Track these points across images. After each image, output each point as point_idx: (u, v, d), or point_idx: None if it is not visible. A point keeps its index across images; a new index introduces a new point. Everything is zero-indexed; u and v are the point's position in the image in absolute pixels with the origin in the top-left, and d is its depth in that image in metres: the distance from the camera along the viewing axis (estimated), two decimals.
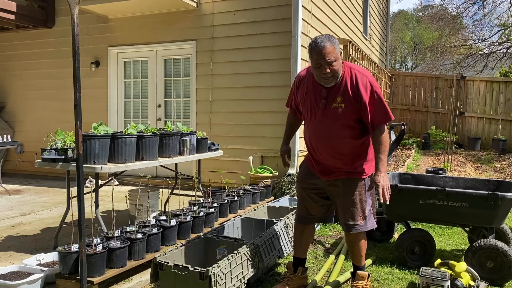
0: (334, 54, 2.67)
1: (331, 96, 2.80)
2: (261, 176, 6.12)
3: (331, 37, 2.73)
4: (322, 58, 2.66)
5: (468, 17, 20.19)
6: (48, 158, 3.69)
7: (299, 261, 3.19)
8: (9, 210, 5.58)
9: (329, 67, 2.68)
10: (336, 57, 2.69)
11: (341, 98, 2.77)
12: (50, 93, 8.34)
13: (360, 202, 2.88)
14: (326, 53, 2.65)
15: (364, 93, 2.72)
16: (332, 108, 2.80)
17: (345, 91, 2.76)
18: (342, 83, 2.77)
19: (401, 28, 31.72)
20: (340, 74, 2.76)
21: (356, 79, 2.75)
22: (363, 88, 2.73)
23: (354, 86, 2.74)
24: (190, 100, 7.31)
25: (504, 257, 3.24)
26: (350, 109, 2.76)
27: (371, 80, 2.78)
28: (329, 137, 2.85)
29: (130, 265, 3.22)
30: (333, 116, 2.81)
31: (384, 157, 2.75)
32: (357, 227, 2.89)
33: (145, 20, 7.45)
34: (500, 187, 3.90)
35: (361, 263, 3.03)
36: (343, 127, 2.80)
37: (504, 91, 11.71)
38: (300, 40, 6.34)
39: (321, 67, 2.70)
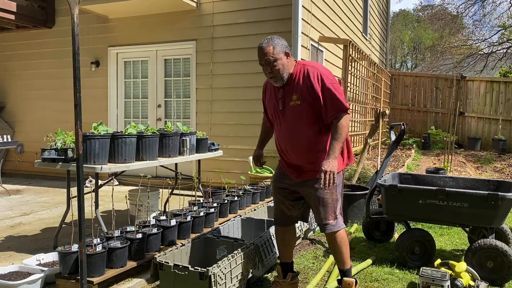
0: (272, 54, 2.71)
1: (287, 95, 2.82)
2: (261, 176, 6.12)
3: (274, 38, 2.79)
4: (261, 58, 2.75)
5: (468, 17, 20.17)
6: (48, 158, 3.69)
7: (286, 266, 3.11)
8: (9, 210, 5.58)
9: (269, 67, 2.74)
10: (277, 57, 2.72)
11: (296, 96, 2.77)
12: (50, 93, 8.35)
13: (331, 201, 2.82)
14: (264, 54, 2.73)
15: (316, 84, 2.71)
16: (290, 107, 2.81)
17: (298, 88, 2.76)
18: (294, 80, 2.78)
19: (401, 28, 31.72)
20: (287, 73, 2.77)
21: (308, 73, 2.75)
22: (314, 80, 2.72)
23: (306, 80, 2.74)
24: (190, 100, 7.31)
25: (504, 257, 3.24)
26: (307, 105, 2.75)
27: (323, 72, 2.77)
28: (292, 137, 2.84)
29: (130, 265, 3.22)
30: (292, 115, 2.81)
31: (337, 144, 2.68)
32: (328, 226, 2.84)
33: (145, 20, 7.45)
34: (500, 187, 3.90)
35: (345, 265, 2.91)
36: (304, 125, 2.79)
37: (504, 91, 11.71)
38: (300, 40, 6.34)
39: (263, 67, 2.78)
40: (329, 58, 8.17)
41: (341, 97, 2.74)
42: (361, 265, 3.56)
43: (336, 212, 2.85)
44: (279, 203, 3.06)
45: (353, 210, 4.98)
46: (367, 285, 3.28)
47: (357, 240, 4.39)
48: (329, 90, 2.71)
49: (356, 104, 8.27)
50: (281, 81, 2.78)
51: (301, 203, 3.02)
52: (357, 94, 8.31)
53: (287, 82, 2.80)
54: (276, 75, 2.75)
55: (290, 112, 2.82)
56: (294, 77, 2.79)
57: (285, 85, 2.82)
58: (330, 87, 2.71)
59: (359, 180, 6.05)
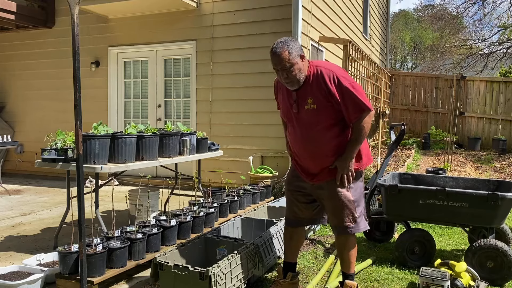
0: (288, 60, 2.58)
1: (301, 98, 2.71)
2: (261, 176, 6.12)
3: (289, 41, 2.64)
4: (277, 64, 2.62)
5: (468, 17, 20.17)
6: (48, 158, 3.70)
7: (289, 266, 3.07)
8: (9, 210, 5.58)
9: (286, 73, 2.62)
10: (293, 62, 2.59)
11: (312, 99, 2.66)
12: (50, 93, 8.35)
13: (348, 203, 2.75)
14: (280, 60, 2.59)
15: (332, 87, 2.60)
16: (305, 110, 2.70)
17: (313, 91, 2.66)
18: (309, 83, 2.68)
19: (401, 28, 31.71)
20: (303, 76, 2.66)
21: (322, 75, 2.63)
22: (330, 83, 2.61)
23: (321, 83, 2.62)
24: (190, 100, 7.31)
25: (504, 257, 3.24)
26: (323, 109, 2.65)
27: (338, 73, 2.66)
28: (308, 142, 2.76)
29: (130, 265, 3.22)
30: (308, 119, 2.71)
31: (356, 144, 2.66)
32: (347, 229, 2.78)
33: (145, 20, 7.45)
34: (500, 187, 3.90)
35: (350, 270, 2.88)
36: (321, 130, 2.70)
37: (504, 91, 11.70)
38: (300, 40, 6.34)
39: (278, 72, 2.67)
40: (329, 58, 8.17)
41: (362, 96, 2.64)
42: (361, 265, 3.55)
43: (356, 214, 2.78)
44: (291, 205, 3.01)
45: None
46: (367, 285, 3.28)
47: (357, 240, 4.36)
48: (348, 91, 2.61)
49: None
50: (297, 85, 2.68)
51: (315, 205, 2.96)
52: None
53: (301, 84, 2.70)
54: (293, 80, 2.64)
55: (305, 117, 2.71)
56: (308, 79, 2.68)
57: (299, 88, 2.71)
58: (348, 88, 2.61)
59: None
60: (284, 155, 6.42)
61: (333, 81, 2.61)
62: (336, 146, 2.72)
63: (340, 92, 2.60)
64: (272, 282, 3.17)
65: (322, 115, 2.66)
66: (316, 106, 2.65)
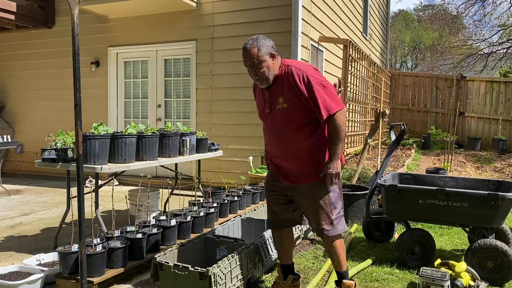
0: (257, 56, 2.60)
1: (273, 97, 2.71)
2: (261, 176, 6.12)
3: (260, 39, 2.65)
4: (247, 60, 2.64)
5: (468, 17, 20.17)
6: (48, 158, 3.70)
7: (287, 268, 3.06)
8: (9, 210, 5.58)
9: (255, 70, 2.64)
10: (262, 59, 2.61)
11: (283, 99, 2.66)
12: (50, 93, 8.35)
13: (325, 205, 2.74)
14: (249, 56, 2.62)
15: (302, 86, 2.59)
16: (276, 110, 2.70)
17: (284, 90, 2.65)
18: (280, 82, 2.67)
19: (401, 28, 31.71)
20: (272, 74, 2.66)
21: (292, 74, 2.62)
22: (299, 81, 2.59)
23: (292, 82, 2.62)
24: (190, 100, 7.31)
25: (504, 257, 3.24)
26: (293, 108, 2.64)
27: (308, 71, 2.64)
28: (280, 142, 2.75)
29: (130, 265, 3.22)
30: (279, 119, 2.71)
31: (337, 145, 2.64)
32: (324, 231, 2.76)
33: (145, 20, 7.45)
34: (500, 187, 3.90)
35: (342, 268, 2.87)
36: (292, 129, 2.69)
37: (504, 91, 11.71)
38: (300, 40, 6.34)
39: (248, 69, 2.68)
40: (329, 58, 8.17)
41: (332, 95, 2.63)
42: (361, 265, 3.56)
43: (332, 216, 2.76)
44: (271, 206, 3.00)
45: (353, 210, 4.98)
46: (367, 285, 3.28)
47: (357, 240, 4.39)
48: (317, 89, 2.59)
49: (356, 104, 8.27)
50: (266, 83, 2.68)
51: (293, 206, 2.93)
52: (357, 94, 8.31)
53: (272, 83, 2.70)
54: (261, 77, 2.65)
55: (277, 116, 2.72)
56: (279, 78, 2.68)
57: (271, 87, 2.71)
58: (318, 87, 2.59)
59: (359, 180, 6.05)
60: None
61: (302, 80, 2.60)
62: (308, 147, 2.70)
63: (309, 90, 2.58)
64: (273, 283, 3.17)
65: (293, 114, 2.66)
66: (287, 105, 2.65)
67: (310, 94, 2.59)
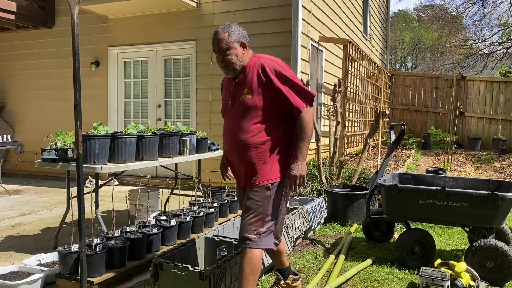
0: (226, 42, 2.48)
1: (239, 88, 2.55)
2: None
3: (232, 25, 2.54)
4: (215, 45, 2.51)
5: (468, 17, 20.19)
6: (48, 158, 3.70)
7: (282, 271, 2.91)
8: (9, 210, 5.58)
9: (222, 55, 2.51)
10: (230, 45, 2.48)
11: (247, 89, 2.50)
12: (50, 93, 8.35)
13: (258, 214, 2.47)
14: (218, 40, 2.50)
15: (274, 78, 2.45)
16: (239, 101, 2.52)
17: (251, 81, 2.49)
18: (247, 73, 2.52)
19: (401, 28, 31.72)
20: (240, 64, 2.52)
21: (263, 66, 2.48)
22: (271, 74, 2.45)
23: (261, 74, 2.47)
24: (190, 100, 7.31)
25: (504, 257, 3.24)
26: (257, 100, 2.47)
27: (281, 65, 2.51)
28: (234, 133, 2.55)
29: (130, 265, 3.22)
30: (239, 110, 2.52)
31: (303, 144, 2.47)
32: (246, 242, 2.47)
33: (145, 20, 7.45)
34: (500, 187, 3.90)
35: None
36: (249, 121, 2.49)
37: (504, 91, 11.71)
38: (300, 40, 6.34)
39: (216, 55, 2.55)
40: (329, 58, 8.17)
41: (301, 90, 2.50)
42: (361, 265, 3.55)
43: (261, 228, 2.47)
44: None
45: (353, 210, 4.98)
46: (367, 285, 3.28)
47: (357, 240, 4.39)
48: (290, 82, 2.47)
49: (356, 104, 8.27)
50: (232, 72, 2.53)
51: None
52: (357, 94, 8.31)
53: (239, 74, 2.55)
54: (227, 64, 2.51)
55: (238, 107, 2.54)
56: (247, 70, 2.53)
57: (238, 78, 2.56)
58: (290, 79, 2.47)
59: (359, 180, 6.05)
60: None
61: (275, 72, 2.46)
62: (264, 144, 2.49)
63: (280, 82, 2.45)
64: (272, 283, 3.17)
65: (255, 106, 2.48)
66: (251, 96, 2.48)
67: (280, 85, 2.45)
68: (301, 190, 5.64)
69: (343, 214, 4.99)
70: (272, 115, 2.50)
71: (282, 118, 2.54)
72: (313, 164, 6.48)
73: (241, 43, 2.54)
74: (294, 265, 3.66)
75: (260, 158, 2.50)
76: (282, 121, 2.54)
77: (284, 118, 2.54)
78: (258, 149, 2.49)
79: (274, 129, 2.51)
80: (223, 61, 2.52)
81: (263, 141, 2.49)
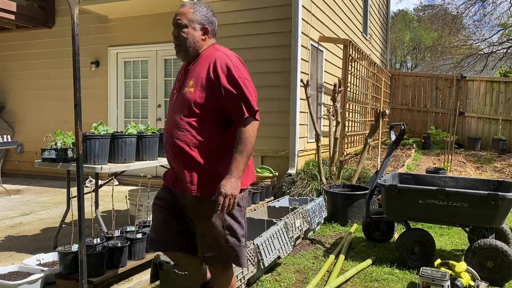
0: (186, 17, 2.23)
1: (187, 79, 2.25)
2: (261, 176, 6.12)
3: (201, 5, 2.31)
4: (175, 16, 2.27)
5: (468, 17, 20.18)
6: (48, 158, 3.70)
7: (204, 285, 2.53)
8: (9, 210, 5.58)
9: (177, 31, 2.25)
10: (190, 23, 2.23)
11: (193, 82, 2.20)
12: (50, 93, 8.35)
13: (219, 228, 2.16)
14: (179, 13, 2.25)
15: (222, 76, 2.14)
16: (182, 93, 2.23)
17: (198, 73, 2.20)
18: (199, 64, 2.25)
19: (401, 28, 31.73)
20: (193, 48, 2.26)
21: (215, 59, 2.18)
22: (220, 71, 2.14)
23: (211, 68, 2.17)
24: None
25: (504, 257, 3.24)
26: (199, 97, 2.16)
27: (234, 63, 2.20)
28: (171, 129, 2.23)
29: (130, 265, 3.22)
30: (180, 103, 2.23)
31: (241, 157, 2.09)
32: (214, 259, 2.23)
33: (145, 20, 7.45)
34: (500, 187, 3.90)
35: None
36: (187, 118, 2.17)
37: (504, 91, 11.71)
38: (300, 40, 6.34)
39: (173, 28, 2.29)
40: (329, 58, 8.17)
41: (251, 97, 2.16)
42: (361, 265, 3.56)
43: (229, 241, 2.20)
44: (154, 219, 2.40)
45: (353, 210, 4.98)
46: (367, 285, 3.28)
47: (357, 240, 4.39)
48: (236, 85, 2.13)
49: (356, 104, 8.27)
50: (183, 54, 2.28)
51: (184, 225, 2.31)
52: (357, 94, 8.31)
53: (191, 63, 2.29)
54: (180, 43, 2.25)
55: (179, 99, 2.25)
56: (202, 60, 2.25)
57: (190, 67, 2.29)
58: (239, 82, 2.14)
59: (359, 180, 6.05)
60: (284, 155, 6.42)
61: (225, 68, 2.16)
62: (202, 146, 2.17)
63: (228, 83, 2.13)
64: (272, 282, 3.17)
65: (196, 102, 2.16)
66: (194, 90, 2.18)
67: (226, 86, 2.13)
68: (301, 190, 5.64)
69: (343, 214, 4.99)
70: (213, 117, 2.18)
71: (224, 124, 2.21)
72: (313, 164, 6.48)
73: (203, 27, 2.29)
74: (294, 265, 3.66)
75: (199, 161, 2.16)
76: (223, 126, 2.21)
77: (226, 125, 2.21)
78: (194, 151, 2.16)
79: (212, 133, 2.18)
80: (177, 37, 2.26)
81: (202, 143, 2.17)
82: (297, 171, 6.26)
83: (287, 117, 6.38)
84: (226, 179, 2.07)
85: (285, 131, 6.40)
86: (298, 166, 6.38)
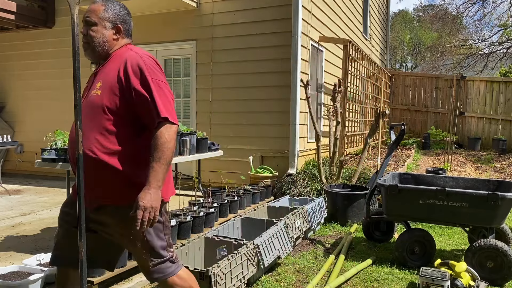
0: (96, 15, 2.10)
1: (95, 81, 2.11)
2: (261, 176, 6.12)
3: (115, 3, 2.18)
4: (85, 14, 2.14)
5: (468, 17, 20.18)
6: (48, 158, 3.70)
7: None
8: (9, 210, 5.58)
9: (86, 29, 2.11)
10: (100, 21, 2.10)
11: (101, 83, 2.04)
12: (50, 93, 8.35)
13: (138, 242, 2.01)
14: (89, 10, 2.13)
15: (133, 76, 1.97)
16: (89, 96, 2.07)
17: (107, 75, 2.04)
18: (109, 65, 2.10)
19: (401, 28, 31.73)
20: (102, 48, 2.13)
21: (126, 60, 2.02)
22: (131, 71, 1.98)
23: (121, 68, 2.00)
24: (190, 100, 7.31)
25: (504, 257, 3.24)
26: (107, 100, 1.98)
27: (147, 63, 2.03)
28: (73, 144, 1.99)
29: (130, 265, 3.22)
30: (86, 109, 2.02)
31: (159, 166, 1.87)
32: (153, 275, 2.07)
33: (145, 20, 7.45)
34: (500, 187, 3.90)
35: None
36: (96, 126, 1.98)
37: (504, 91, 11.71)
38: (300, 40, 6.34)
39: (83, 26, 2.14)
40: (329, 58, 8.17)
41: (165, 99, 1.96)
42: (361, 265, 3.56)
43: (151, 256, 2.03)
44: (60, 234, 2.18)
45: (353, 210, 4.98)
46: (367, 285, 3.28)
47: (357, 240, 4.39)
48: (148, 87, 1.95)
49: (356, 104, 8.27)
50: (91, 53, 2.16)
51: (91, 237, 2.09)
52: (357, 94, 8.31)
53: (102, 63, 2.16)
54: (88, 41, 2.12)
55: (86, 104, 2.04)
56: (113, 60, 2.11)
57: (100, 67, 2.16)
58: (151, 84, 1.96)
59: (359, 180, 6.05)
60: (284, 155, 6.42)
61: (135, 68, 1.99)
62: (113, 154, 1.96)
63: (143, 84, 1.96)
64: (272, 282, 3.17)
65: (102, 107, 1.98)
66: (101, 92, 2.01)
67: (140, 89, 1.95)
68: (301, 190, 5.64)
69: (343, 214, 4.99)
70: (125, 122, 1.99)
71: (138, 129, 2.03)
72: (313, 164, 6.49)
73: (115, 26, 2.16)
74: (294, 265, 3.66)
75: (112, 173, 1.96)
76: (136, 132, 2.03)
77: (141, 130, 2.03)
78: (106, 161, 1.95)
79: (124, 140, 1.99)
80: (86, 35, 2.12)
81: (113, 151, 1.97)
82: (297, 171, 6.26)
83: (287, 117, 6.39)
84: (144, 191, 1.86)
85: (285, 131, 6.41)
86: (298, 166, 6.39)
